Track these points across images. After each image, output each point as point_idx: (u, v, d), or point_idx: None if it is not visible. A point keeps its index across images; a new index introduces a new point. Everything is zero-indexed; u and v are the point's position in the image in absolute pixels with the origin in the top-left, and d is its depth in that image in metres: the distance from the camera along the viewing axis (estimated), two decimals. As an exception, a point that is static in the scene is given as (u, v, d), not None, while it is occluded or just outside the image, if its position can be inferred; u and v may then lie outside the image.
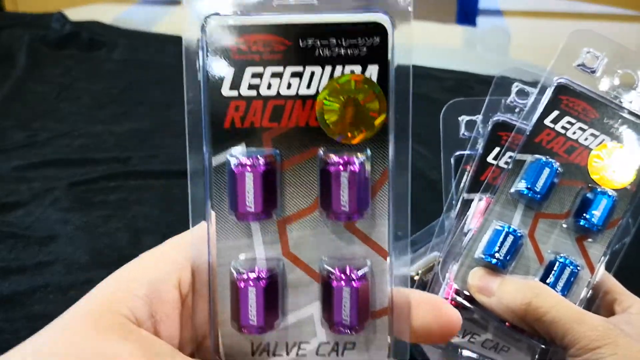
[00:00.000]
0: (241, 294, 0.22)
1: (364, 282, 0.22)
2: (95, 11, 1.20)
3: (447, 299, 0.33)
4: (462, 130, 0.42)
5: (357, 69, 0.22)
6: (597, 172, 0.33)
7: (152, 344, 0.22)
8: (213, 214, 0.23)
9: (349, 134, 0.23)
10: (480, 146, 0.37)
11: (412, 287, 0.36)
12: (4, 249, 0.52)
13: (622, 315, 0.32)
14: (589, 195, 0.32)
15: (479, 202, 0.34)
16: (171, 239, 0.25)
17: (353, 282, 0.22)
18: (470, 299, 0.33)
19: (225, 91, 0.22)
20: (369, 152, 0.23)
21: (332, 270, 0.22)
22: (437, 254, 0.38)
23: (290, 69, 0.22)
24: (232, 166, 0.22)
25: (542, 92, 0.34)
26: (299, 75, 0.22)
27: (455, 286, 0.33)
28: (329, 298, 0.22)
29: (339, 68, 0.22)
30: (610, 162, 0.32)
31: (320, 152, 0.23)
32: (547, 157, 0.33)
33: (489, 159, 0.37)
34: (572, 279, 0.32)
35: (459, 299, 0.33)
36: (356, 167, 0.22)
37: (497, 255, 0.32)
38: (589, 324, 0.30)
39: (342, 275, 0.22)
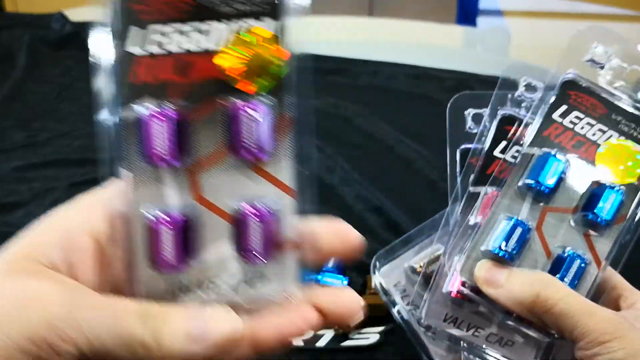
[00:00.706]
0: (155, 235, 0.24)
1: (271, 214, 0.24)
2: (95, 12, 1.20)
3: (453, 291, 0.33)
4: (469, 123, 0.42)
5: (258, 23, 0.24)
6: (605, 167, 0.33)
7: (70, 283, 0.22)
8: (125, 165, 0.24)
9: (253, 84, 0.24)
10: (486, 140, 0.37)
11: (415, 279, 0.37)
12: (4, 249, 0.52)
13: (629, 311, 0.32)
14: (597, 190, 0.32)
15: (486, 196, 0.34)
16: (85, 193, 0.26)
17: (260, 213, 0.24)
18: (476, 291, 0.32)
19: (131, 48, 0.24)
20: (272, 98, 0.24)
21: (241, 206, 0.24)
22: (441, 246, 0.37)
23: (194, 25, 0.23)
24: (142, 114, 0.23)
25: (550, 88, 0.34)
26: (202, 31, 0.24)
27: (462, 278, 0.32)
28: (239, 231, 0.24)
29: (240, 23, 0.24)
30: (618, 157, 0.32)
31: (226, 101, 0.24)
32: (556, 150, 0.32)
33: (496, 152, 0.37)
34: (580, 273, 0.32)
35: (465, 291, 0.33)
36: (259, 109, 0.24)
37: (504, 247, 0.32)
38: (599, 317, 0.29)
39: (251, 208, 0.24)
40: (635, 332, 0.29)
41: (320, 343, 0.41)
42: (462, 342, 0.34)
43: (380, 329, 0.42)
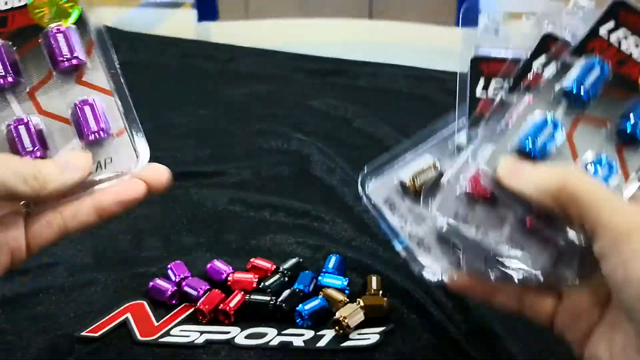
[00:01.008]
0: (15, 134, 0.31)
1: (94, 103, 0.33)
2: (96, 13, 1.20)
3: (473, 182, 0.32)
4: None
5: None
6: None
7: None
8: None
9: (54, 22, 0.33)
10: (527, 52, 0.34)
11: (404, 195, 0.37)
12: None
13: None
14: (635, 103, 0.31)
15: (520, 100, 0.32)
16: None
17: (88, 102, 0.33)
18: (496, 186, 0.30)
19: None
20: (75, 27, 0.33)
21: (73, 105, 0.33)
22: (430, 156, 0.36)
23: None
24: None
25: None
26: None
27: (484, 167, 0.30)
28: (78, 122, 0.32)
29: None
30: None
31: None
32: (601, 57, 0.31)
33: (535, 64, 0.33)
34: (607, 179, 0.30)
35: (486, 184, 0.31)
36: (62, 29, 0.32)
37: (533, 142, 0.30)
38: (627, 209, 0.28)
39: (80, 103, 0.33)
40: None
41: (321, 343, 0.42)
42: (462, 247, 0.33)
43: (380, 329, 0.43)
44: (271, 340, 0.42)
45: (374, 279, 0.46)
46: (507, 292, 0.33)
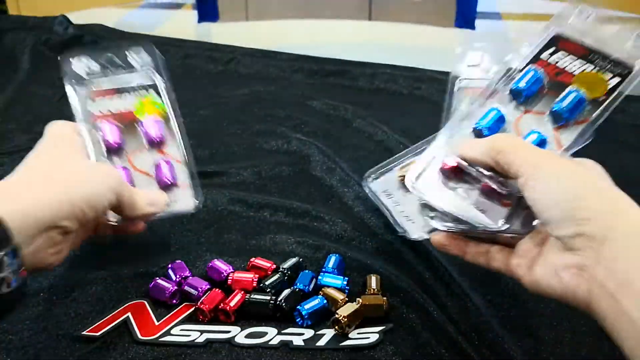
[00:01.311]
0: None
1: (169, 163, 0.49)
2: (97, 14, 1.20)
3: (445, 165, 0.41)
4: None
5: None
6: (577, 86, 0.41)
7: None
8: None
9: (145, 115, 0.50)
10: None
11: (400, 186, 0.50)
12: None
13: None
14: (566, 94, 0.40)
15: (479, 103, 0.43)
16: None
17: (165, 162, 0.49)
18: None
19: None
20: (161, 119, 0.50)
21: (157, 164, 0.49)
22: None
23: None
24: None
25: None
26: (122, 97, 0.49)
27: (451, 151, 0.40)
28: (158, 174, 0.48)
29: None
30: (589, 81, 0.40)
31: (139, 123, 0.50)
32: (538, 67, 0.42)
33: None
34: (539, 144, 0.40)
35: (453, 161, 0.40)
36: (153, 118, 0.50)
37: (483, 123, 0.41)
38: (538, 149, 0.37)
39: (160, 162, 0.49)
40: (559, 158, 0.37)
41: (320, 343, 0.42)
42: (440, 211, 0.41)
43: (380, 328, 0.43)
44: (271, 339, 0.42)
45: (373, 278, 0.47)
46: (476, 249, 0.40)
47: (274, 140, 0.70)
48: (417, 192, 0.41)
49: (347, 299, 0.44)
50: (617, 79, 0.40)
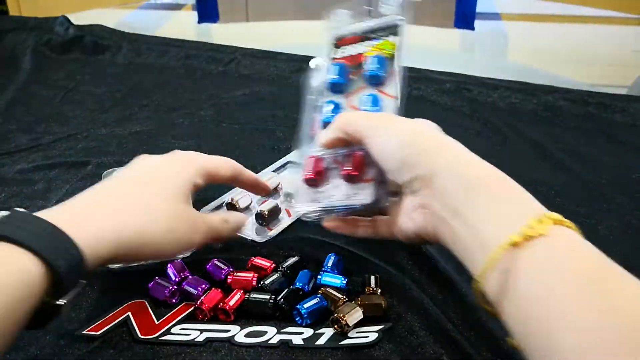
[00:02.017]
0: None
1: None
2: (98, 15, 1.21)
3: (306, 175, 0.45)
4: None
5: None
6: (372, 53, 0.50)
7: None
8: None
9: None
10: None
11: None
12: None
13: None
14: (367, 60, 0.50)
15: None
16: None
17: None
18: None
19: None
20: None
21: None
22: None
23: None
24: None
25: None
26: None
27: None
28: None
29: None
30: (379, 47, 0.50)
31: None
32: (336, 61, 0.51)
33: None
34: (374, 101, 0.47)
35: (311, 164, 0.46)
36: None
37: (327, 116, 0.48)
38: (372, 113, 0.45)
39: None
40: (394, 117, 0.43)
41: (320, 342, 0.42)
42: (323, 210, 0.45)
43: (379, 327, 0.43)
44: (271, 338, 0.42)
45: (372, 277, 0.47)
46: (363, 225, 0.46)
47: (274, 140, 0.70)
48: (300, 212, 0.46)
49: (346, 298, 0.45)
50: (393, 36, 0.50)
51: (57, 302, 0.33)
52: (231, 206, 0.56)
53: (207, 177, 0.45)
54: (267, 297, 0.44)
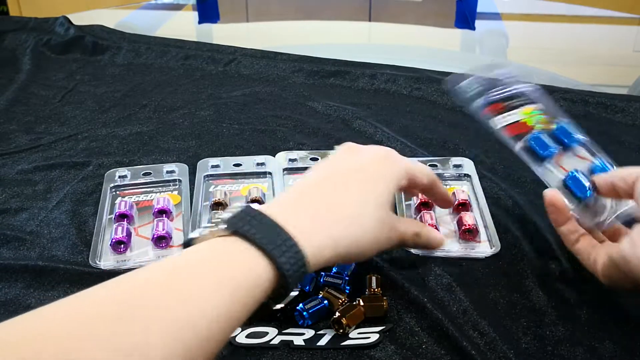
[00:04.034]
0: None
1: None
2: (98, 16, 1.21)
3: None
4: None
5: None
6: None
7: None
8: None
9: None
10: None
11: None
12: (9, 252, 0.52)
13: None
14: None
15: None
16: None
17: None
18: None
19: None
20: None
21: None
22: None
23: None
24: None
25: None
26: None
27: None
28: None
29: None
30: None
31: None
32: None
33: None
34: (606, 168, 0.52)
35: None
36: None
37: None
38: None
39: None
40: None
41: (321, 342, 0.42)
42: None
43: (380, 328, 0.43)
44: (272, 339, 0.43)
45: (373, 278, 0.47)
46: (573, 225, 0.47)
47: (274, 141, 0.70)
48: None
49: (347, 299, 0.45)
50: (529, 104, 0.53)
51: (275, 307, 0.35)
52: (217, 205, 0.55)
53: (410, 181, 0.44)
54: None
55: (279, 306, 0.34)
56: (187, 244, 0.34)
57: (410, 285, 0.46)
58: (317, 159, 0.62)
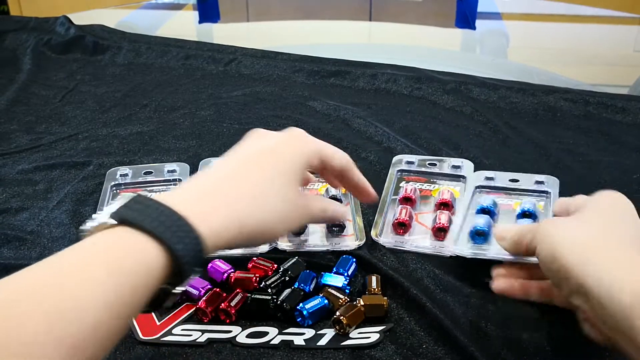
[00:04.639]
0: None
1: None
2: (99, 15, 1.21)
3: None
4: None
5: None
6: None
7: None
8: None
9: None
10: None
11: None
12: (9, 251, 0.52)
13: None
14: None
15: None
16: None
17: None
18: None
19: None
20: None
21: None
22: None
23: None
24: None
25: None
26: None
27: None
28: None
29: None
30: None
31: None
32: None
33: None
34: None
35: None
36: None
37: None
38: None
39: None
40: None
41: (321, 342, 0.42)
42: None
43: (380, 328, 0.43)
44: (272, 339, 0.43)
45: (373, 278, 0.47)
46: (536, 288, 0.44)
47: (274, 140, 0.70)
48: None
49: (347, 299, 0.45)
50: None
51: (174, 291, 0.33)
52: None
53: (322, 162, 0.43)
54: (269, 297, 0.44)
55: (179, 289, 0.33)
56: (78, 237, 0.33)
57: (410, 285, 0.46)
58: None
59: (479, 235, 0.49)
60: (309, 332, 0.43)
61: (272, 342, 0.42)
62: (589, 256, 0.35)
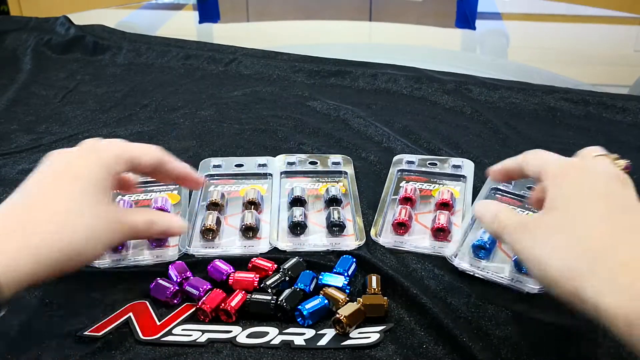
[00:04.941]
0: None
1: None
2: (99, 15, 1.21)
3: None
4: None
5: None
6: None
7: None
8: None
9: None
10: None
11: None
12: (11, 251, 0.52)
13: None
14: None
15: None
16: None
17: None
18: None
19: None
20: None
21: None
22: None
23: None
24: None
25: None
26: None
27: None
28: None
29: None
30: None
31: None
32: None
33: None
34: None
35: None
36: None
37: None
38: None
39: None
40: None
41: (321, 342, 0.42)
42: None
43: (380, 328, 0.43)
44: (272, 339, 0.43)
45: (373, 278, 0.47)
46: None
47: (275, 140, 0.70)
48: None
49: (348, 298, 0.45)
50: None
51: None
52: (214, 205, 0.55)
53: (128, 164, 0.42)
54: (269, 297, 0.44)
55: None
56: None
57: (410, 285, 0.46)
58: (316, 163, 0.62)
59: (481, 249, 0.49)
60: (309, 332, 0.43)
61: (272, 342, 0.42)
62: (582, 284, 0.32)
